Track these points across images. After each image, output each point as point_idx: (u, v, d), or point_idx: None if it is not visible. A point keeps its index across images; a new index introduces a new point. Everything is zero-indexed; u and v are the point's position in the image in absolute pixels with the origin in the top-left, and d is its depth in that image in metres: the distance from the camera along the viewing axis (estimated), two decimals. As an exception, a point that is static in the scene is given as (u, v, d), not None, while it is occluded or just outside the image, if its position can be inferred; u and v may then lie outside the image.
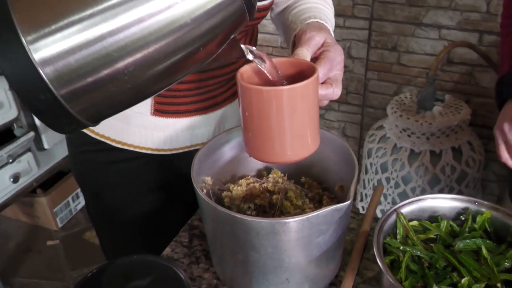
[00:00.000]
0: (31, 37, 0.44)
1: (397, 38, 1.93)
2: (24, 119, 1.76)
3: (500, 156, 0.78)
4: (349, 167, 0.69)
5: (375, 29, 1.95)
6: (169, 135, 0.88)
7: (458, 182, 1.68)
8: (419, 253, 0.63)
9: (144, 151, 0.89)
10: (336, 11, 0.87)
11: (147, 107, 0.84)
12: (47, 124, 0.51)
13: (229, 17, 0.51)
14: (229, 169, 0.79)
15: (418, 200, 0.69)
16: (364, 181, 1.89)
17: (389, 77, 2.02)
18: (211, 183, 0.74)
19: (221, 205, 0.63)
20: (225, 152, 0.78)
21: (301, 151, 0.62)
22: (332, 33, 0.74)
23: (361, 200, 1.94)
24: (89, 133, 0.89)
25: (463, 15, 1.78)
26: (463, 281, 0.59)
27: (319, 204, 0.75)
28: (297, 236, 0.60)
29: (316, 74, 0.59)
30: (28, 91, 0.46)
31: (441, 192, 1.66)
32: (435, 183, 1.67)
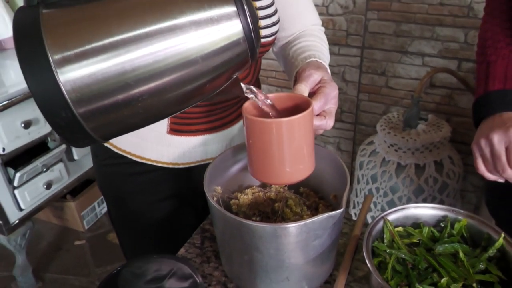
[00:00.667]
0: (59, 60, 0.44)
1: (386, 64, 1.93)
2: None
3: (477, 168, 0.78)
4: (342, 179, 0.69)
5: (366, 56, 1.96)
6: (183, 151, 0.88)
7: (440, 192, 1.67)
8: (404, 255, 0.64)
9: (160, 165, 0.89)
10: (331, 40, 0.88)
11: (163, 127, 0.84)
12: (65, 138, 0.50)
13: (234, 58, 0.51)
14: (236, 180, 0.79)
15: (402, 208, 0.69)
16: (356, 190, 1.88)
17: (378, 98, 2.03)
18: (221, 192, 0.75)
19: (230, 212, 0.63)
20: (233, 165, 0.78)
21: (298, 174, 0.63)
22: (329, 71, 0.75)
23: (354, 207, 1.93)
24: (112, 148, 0.89)
25: (444, 45, 1.79)
26: (442, 281, 0.59)
27: (315, 211, 0.75)
28: (296, 239, 0.60)
29: (311, 107, 0.59)
30: (51, 108, 0.45)
31: (424, 201, 1.65)
32: (419, 193, 1.66)
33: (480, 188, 1.94)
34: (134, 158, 0.88)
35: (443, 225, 0.69)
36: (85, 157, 1.95)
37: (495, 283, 0.60)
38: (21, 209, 1.69)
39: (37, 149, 1.72)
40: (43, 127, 1.70)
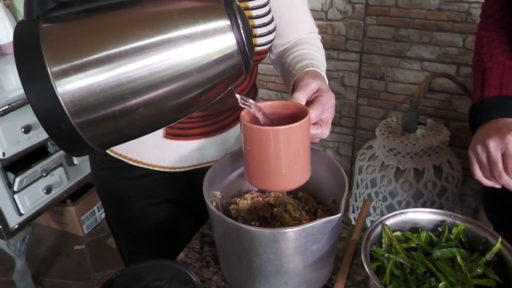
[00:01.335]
0: (57, 72, 0.45)
1: (385, 69, 1.94)
2: (57, 138, 1.77)
3: (474, 174, 0.78)
4: (340, 184, 0.70)
5: (365, 61, 1.97)
6: (180, 155, 0.88)
7: (439, 196, 1.67)
8: (402, 260, 0.64)
9: (157, 169, 0.89)
10: (331, 45, 0.89)
11: (159, 131, 0.84)
12: (63, 148, 0.51)
13: (228, 71, 0.52)
14: (235, 185, 0.80)
15: (401, 213, 0.70)
16: (355, 194, 1.88)
17: (377, 103, 2.03)
18: (220, 197, 0.75)
19: (229, 217, 0.63)
20: (232, 170, 0.79)
21: (294, 182, 0.63)
22: (326, 80, 0.75)
23: (353, 211, 1.93)
24: (109, 153, 0.89)
25: (442, 50, 1.80)
26: (440, 285, 0.59)
27: (314, 216, 0.75)
28: (295, 244, 0.60)
29: (308, 116, 0.60)
30: (49, 119, 0.46)
31: (424, 205, 1.65)
32: (418, 197, 1.66)
33: (478, 192, 1.94)
34: (131, 162, 0.89)
35: (441, 230, 0.69)
36: (84, 161, 1.95)
37: (492, 288, 0.60)
38: (20, 214, 1.69)
39: (37, 154, 1.72)
40: (43, 132, 1.69)
